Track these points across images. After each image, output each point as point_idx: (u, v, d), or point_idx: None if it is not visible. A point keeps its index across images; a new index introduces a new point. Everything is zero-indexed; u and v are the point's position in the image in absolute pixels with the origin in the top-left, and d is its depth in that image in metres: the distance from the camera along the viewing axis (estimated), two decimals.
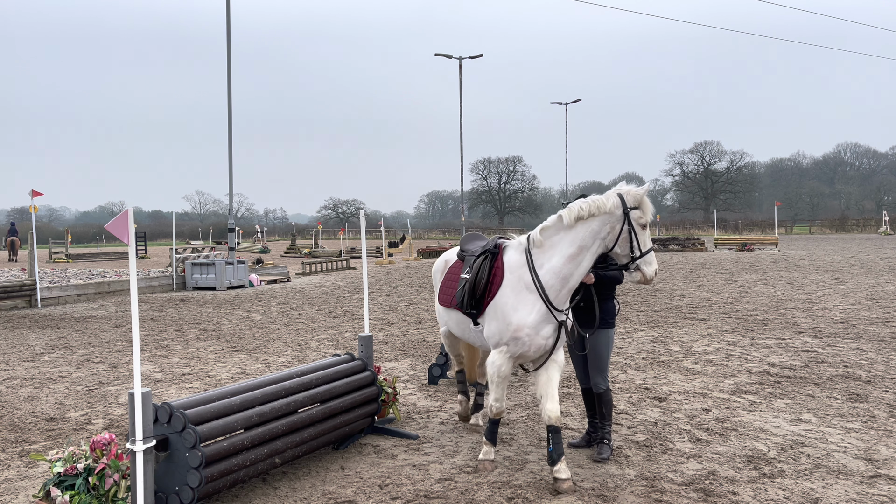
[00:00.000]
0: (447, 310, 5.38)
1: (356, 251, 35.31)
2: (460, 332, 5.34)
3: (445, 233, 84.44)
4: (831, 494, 4.33)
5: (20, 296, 15.09)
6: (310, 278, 22.51)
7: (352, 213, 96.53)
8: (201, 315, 13.54)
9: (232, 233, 23.20)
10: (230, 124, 23.39)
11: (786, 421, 5.88)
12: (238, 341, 10.37)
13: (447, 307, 5.35)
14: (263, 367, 8.44)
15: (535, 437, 5.56)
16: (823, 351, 8.81)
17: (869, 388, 6.92)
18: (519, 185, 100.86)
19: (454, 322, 5.34)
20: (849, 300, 13.83)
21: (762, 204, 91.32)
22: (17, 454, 5.36)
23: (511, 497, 4.35)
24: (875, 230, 58.87)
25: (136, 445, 3.67)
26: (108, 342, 10.45)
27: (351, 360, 5.64)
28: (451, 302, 5.22)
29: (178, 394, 7.17)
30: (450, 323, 5.46)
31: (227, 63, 23.46)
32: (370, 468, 4.94)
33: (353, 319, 12.46)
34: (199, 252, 23.99)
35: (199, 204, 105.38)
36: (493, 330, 4.76)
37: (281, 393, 4.76)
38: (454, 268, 5.38)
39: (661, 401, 6.59)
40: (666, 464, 4.92)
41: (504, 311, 4.67)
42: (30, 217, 15.38)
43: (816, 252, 31.72)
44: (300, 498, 4.43)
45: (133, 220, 3.66)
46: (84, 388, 7.48)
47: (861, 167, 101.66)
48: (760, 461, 4.92)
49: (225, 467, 4.21)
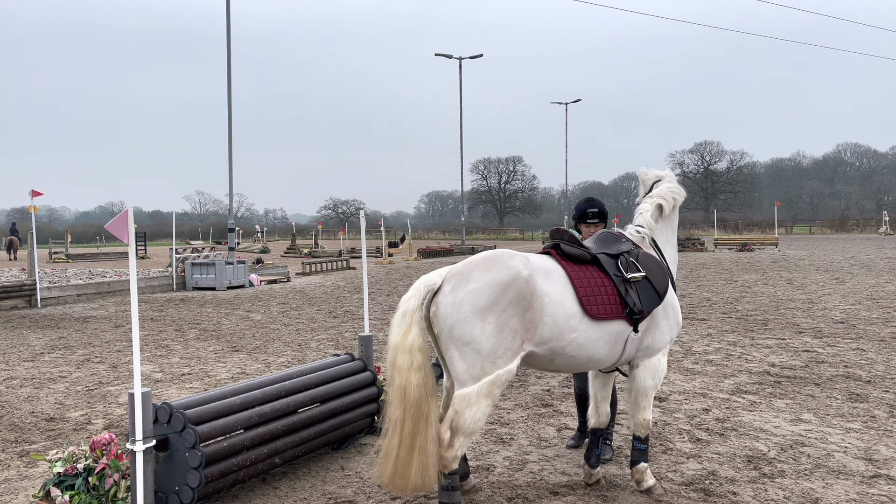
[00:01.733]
0: (596, 324, 4.07)
1: (356, 251, 35.31)
2: (606, 351, 4.14)
3: (445, 233, 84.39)
4: (831, 494, 4.33)
5: (20, 296, 15.09)
6: (310, 278, 22.51)
7: (352, 213, 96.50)
8: (201, 315, 13.54)
9: (232, 233, 23.20)
10: (230, 124, 23.39)
11: (786, 421, 5.88)
12: (238, 341, 10.37)
13: (599, 320, 4.07)
14: (263, 367, 8.44)
15: (535, 437, 5.56)
16: (823, 351, 8.81)
17: (869, 388, 6.92)
18: (519, 185, 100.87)
19: (602, 341, 4.10)
20: (849, 300, 13.83)
21: (762, 204, 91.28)
22: (17, 454, 5.36)
23: (511, 497, 4.35)
24: (875, 230, 58.87)
25: (135, 445, 3.66)
26: (108, 342, 10.45)
27: (351, 360, 5.64)
28: (613, 311, 4.10)
29: (178, 394, 7.17)
30: (594, 346, 4.09)
31: (227, 63, 23.46)
32: (370, 468, 4.93)
33: (353, 319, 12.46)
34: (199, 252, 24.00)
35: (199, 204, 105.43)
36: (665, 329, 4.35)
37: (281, 393, 4.76)
38: (579, 274, 4.14)
39: (661, 401, 6.59)
40: (666, 464, 4.92)
41: (674, 306, 4.43)
42: (30, 217, 15.38)
43: (816, 252, 31.73)
44: (300, 498, 4.43)
45: (133, 220, 3.66)
46: (84, 388, 7.48)
47: (861, 167, 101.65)
48: (760, 461, 4.92)
49: (225, 467, 4.21)
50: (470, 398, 3.79)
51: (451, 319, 3.80)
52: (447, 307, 3.83)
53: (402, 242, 41.04)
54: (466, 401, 3.80)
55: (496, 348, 3.77)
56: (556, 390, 7.06)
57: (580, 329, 4.00)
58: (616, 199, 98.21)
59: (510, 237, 74.93)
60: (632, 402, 4.41)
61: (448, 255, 36.64)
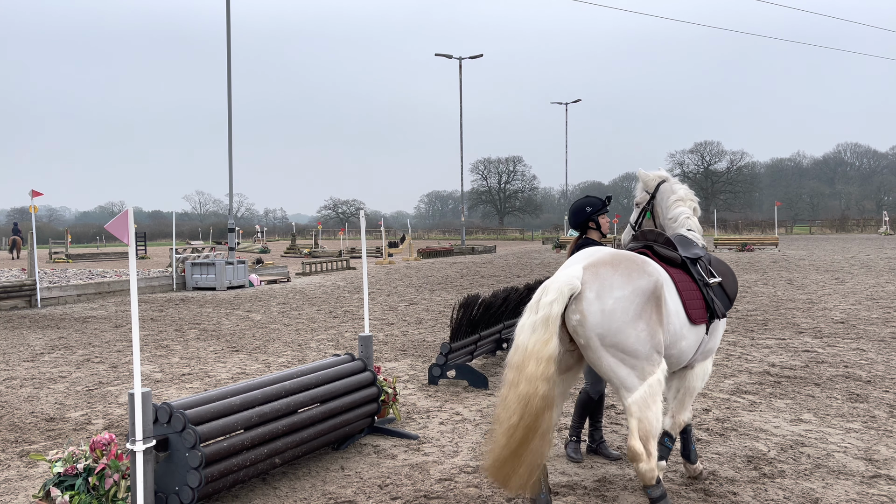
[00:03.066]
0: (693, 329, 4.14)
1: (356, 251, 35.32)
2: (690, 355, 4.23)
3: (445, 233, 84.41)
4: (831, 494, 4.33)
5: (20, 296, 15.09)
6: (310, 278, 22.50)
7: (352, 214, 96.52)
8: (201, 315, 13.54)
9: (232, 233, 23.20)
10: (230, 124, 23.39)
11: (786, 421, 5.88)
12: (238, 341, 10.37)
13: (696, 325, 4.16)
14: (263, 368, 8.44)
15: None
16: (823, 351, 8.81)
17: (869, 388, 6.92)
18: (519, 185, 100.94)
19: (694, 345, 4.18)
20: (849, 300, 13.83)
21: (762, 204, 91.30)
22: (17, 454, 5.36)
23: (511, 497, 4.35)
24: (875, 230, 58.87)
25: (135, 445, 3.66)
26: (108, 342, 10.45)
27: (351, 360, 5.64)
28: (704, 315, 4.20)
29: (178, 394, 7.17)
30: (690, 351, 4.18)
31: (227, 63, 23.46)
32: (370, 468, 4.94)
33: (353, 319, 12.46)
34: (199, 252, 24.00)
35: (199, 204, 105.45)
36: (720, 333, 4.47)
37: (281, 393, 4.76)
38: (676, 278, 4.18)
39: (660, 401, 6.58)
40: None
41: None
42: (30, 217, 15.39)
43: (816, 252, 31.72)
44: (300, 498, 4.43)
45: (133, 220, 3.66)
46: (84, 388, 7.48)
47: (861, 167, 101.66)
48: (760, 461, 4.92)
49: (225, 467, 4.21)
50: (646, 400, 3.72)
51: (602, 328, 3.68)
52: (595, 316, 3.69)
53: (402, 242, 41.06)
54: (644, 404, 3.72)
55: (651, 350, 3.74)
56: None
57: (687, 337, 4.07)
58: (616, 199, 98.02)
59: (510, 237, 74.90)
60: (678, 401, 4.45)
61: (448, 255, 36.64)
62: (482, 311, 7.76)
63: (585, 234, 5.15)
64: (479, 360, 8.52)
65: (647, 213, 5.25)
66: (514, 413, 3.59)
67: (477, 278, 21.13)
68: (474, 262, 29.66)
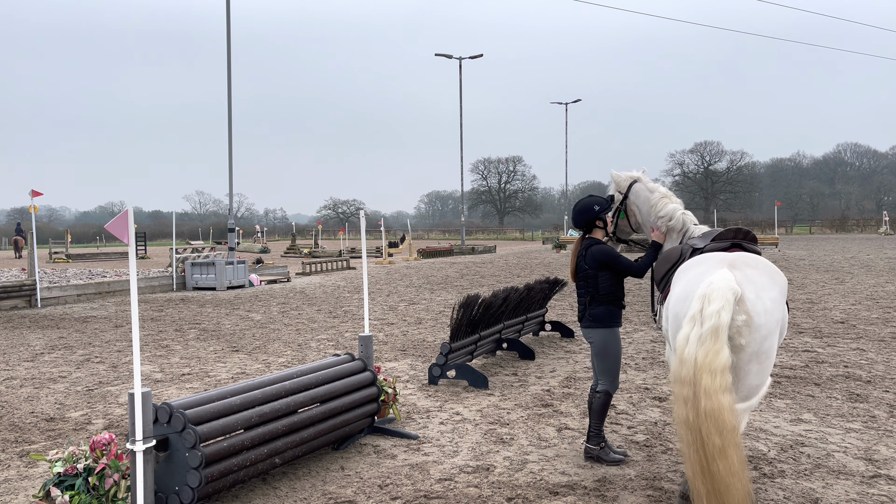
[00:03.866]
0: None
1: (356, 251, 35.32)
2: None
3: (445, 233, 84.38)
4: (831, 494, 4.33)
5: (20, 296, 15.09)
6: (310, 278, 22.50)
7: (352, 214, 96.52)
8: (201, 315, 13.54)
9: (232, 233, 23.20)
10: (230, 124, 23.39)
11: (786, 421, 5.88)
12: (238, 341, 10.37)
13: None
14: (263, 367, 8.44)
15: (535, 437, 5.56)
16: (823, 351, 8.81)
17: (869, 388, 6.92)
18: (519, 185, 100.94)
19: None
20: (849, 300, 13.83)
21: (762, 204, 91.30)
22: (17, 454, 5.36)
23: (511, 497, 4.35)
24: (875, 230, 58.86)
25: (135, 445, 3.67)
26: (108, 342, 10.45)
27: (351, 360, 5.64)
28: None
29: (178, 394, 7.17)
30: None
31: (227, 63, 23.46)
32: (370, 468, 4.94)
33: (353, 319, 12.46)
34: (199, 252, 23.99)
35: (199, 204, 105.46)
36: None
37: (281, 393, 4.76)
38: None
39: (661, 401, 6.59)
40: (666, 464, 4.92)
41: None
42: (30, 217, 15.39)
43: (816, 252, 31.72)
44: (300, 498, 4.43)
45: (133, 220, 3.66)
46: (84, 388, 7.48)
47: (861, 167, 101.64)
48: (760, 461, 4.92)
49: (225, 467, 4.21)
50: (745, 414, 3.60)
51: (765, 331, 3.56)
52: (761, 316, 3.55)
53: (402, 242, 41.05)
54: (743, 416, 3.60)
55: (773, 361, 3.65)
56: (556, 390, 7.06)
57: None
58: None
59: (510, 237, 74.89)
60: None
61: (448, 255, 36.63)
62: (482, 311, 7.76)
63: (590, 234, 5.11)
64: (479, 360, 8.52)
65: (622, 213, 5.25)
66: (715, 435, 3.33)
67: (477, 278, 21.13)
68: (474, 262, 29.66)
